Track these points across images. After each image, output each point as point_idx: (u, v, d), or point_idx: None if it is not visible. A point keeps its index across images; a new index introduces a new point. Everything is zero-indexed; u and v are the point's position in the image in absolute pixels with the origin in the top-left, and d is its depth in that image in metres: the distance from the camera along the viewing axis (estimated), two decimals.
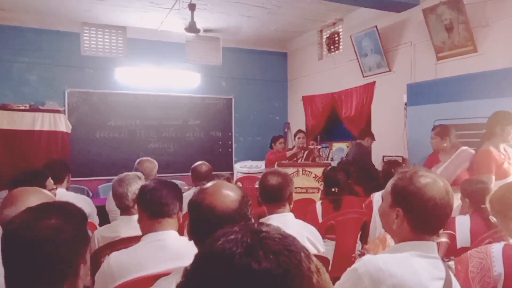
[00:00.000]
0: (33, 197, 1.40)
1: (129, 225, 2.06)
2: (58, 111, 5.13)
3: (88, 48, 5.56)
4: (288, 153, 4.88)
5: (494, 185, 2.60)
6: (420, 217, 1.21)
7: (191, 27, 5.04)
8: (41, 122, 4.94)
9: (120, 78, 5.82)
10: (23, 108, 4.92)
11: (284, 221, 1.92)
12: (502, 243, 1.55)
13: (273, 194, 1.97)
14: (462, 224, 2.22)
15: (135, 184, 2.17)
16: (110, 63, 5.72)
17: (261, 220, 1.59)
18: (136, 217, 1.92)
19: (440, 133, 3.32)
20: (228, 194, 1.20)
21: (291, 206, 2.02)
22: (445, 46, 4.14)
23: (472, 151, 3.24)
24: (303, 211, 2.87)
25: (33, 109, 5.00)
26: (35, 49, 5.36)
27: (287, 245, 0.53)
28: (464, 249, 1.90)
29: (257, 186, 4.39)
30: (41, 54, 5.40)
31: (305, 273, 0.52)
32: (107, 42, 5.62)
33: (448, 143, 3.29)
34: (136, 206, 1.96)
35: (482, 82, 3.58)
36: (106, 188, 4.79)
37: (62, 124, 5.10)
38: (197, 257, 0.57)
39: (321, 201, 3.00)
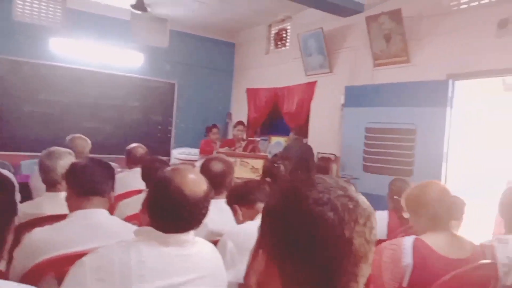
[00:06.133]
0: None
1: (55, 203, 1.96)
2: None
3: (21, 13, 5.12)
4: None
5: None
6: None
7: (139, 5, 4.87)
8: None
9: (55, 49, 5.44)
10: None
11: (219, 207, 1.95)
12: (413, 237, 1.71)
13: (216, 181, 1.98)
14: (380, 219, 2.41)
15: (65, 159, 2.07)
16: (45, 32, 5.32)
17: None
18: (63, 194, 1.85)
19: None
20: (198, 180, 1.26)
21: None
22: (382, 54, 4.42)
23: None
24: None
25: None
26: None
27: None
28: (381, 242, 2.07)
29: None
30: None
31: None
32: (43, 9, 5.21)
33: None
34: (63, 183, 1.88)
35: (412, 91, 3.89)
36: (29, 165, 4.50)
37: None
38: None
39: None
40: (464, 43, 3.79)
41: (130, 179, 2.82)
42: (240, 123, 5.34)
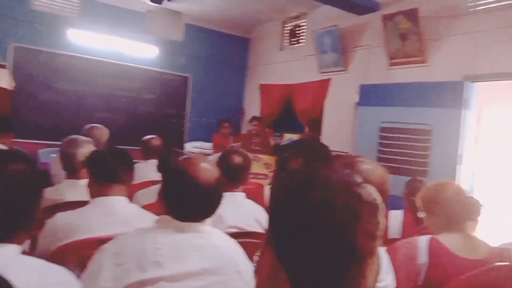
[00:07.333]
0: None
1: (74, 190, 2.00)
2: (0, 66, 4.74)
3: (39, 2, 5.17)
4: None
5: None
6: None
7: None
8: None
9: (72, 39, 5.49)
10: None
11: (234, 200, 1.97)
12: (429, 236, 1.72)
13: (235, 174, 2.01)
14: (395, 218, 2.41)
15: (85, 147, 2.10)
16: (62, 22, 5.38)
17: None
18: (82, 182, 1.89)
19: None
20: (210, 169, 1.28)
21: (243, 187, 2.08)
22: (398, 53, 4.38)
23: None
24: (251, 194, 2.94)
25: None
26: None
27: None
28: (395, 240, 2.08)
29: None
30: None
31: None
32: None
33: None
34: (83, 170, 1.92)
35: (428, 92, 3.86)
36: (47, 153, 4.56)
37: (4, 80, 4.72)
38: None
39: (270, 186, 3.09)
40: (481, 45, 3.75)
41: (145, 170, 2.86)
42: (255, 118, 5.36)
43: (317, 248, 0.58)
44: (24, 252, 1.00)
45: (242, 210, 1.99)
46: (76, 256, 1.42)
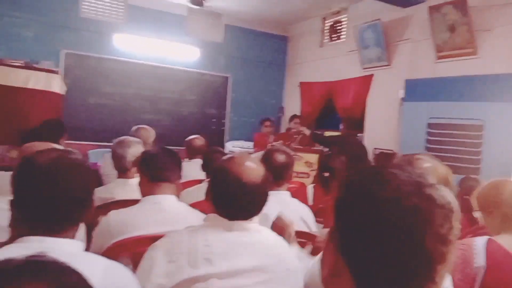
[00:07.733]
0: None
1: (124, 188, 2.07)
2: (53, 72, 5.02)
3: (87, 10, 5.41)
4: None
5: None
6: None
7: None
8: (35, 81, 4.83)
9: (118, 44, 5.72)
10: (18, 64, 4.80)
11: (281, 199, 1.97)
12: (486, 237, 1.62)
13: (279, 172, 2.00)
14: None
15: (134, 147, 2.18)
16: (108, 28, 5.61)
17: None
18: (132, 181, 1.95)
19: None
20: (255, 168, 1.28)
21: (287, 185, 2.07)
22: (446, 46, 4.19)
23: None
24: (294, 193, 2.92)
25: (27, 66, 4.88)
26: (32, 5, 5.21)
27: None
28: None
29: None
30: (39, 11, 5.25)
31: None
32: (107, 6, 5.49)
33: None
34: (133, 169, 1.99)
35: (479, 85, 3.66)
36: (97, 154, 4.77)
37: (57, 85, 5.00)
38: None
39: (313, 185, 3.06)
40: None
41: (190, 169, 2.91)
42: (296, 116, 5.34)
43: (384, 249, 0.56)
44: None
45: (288, 209, 1.97)
46: (129, 253, 1.47)
